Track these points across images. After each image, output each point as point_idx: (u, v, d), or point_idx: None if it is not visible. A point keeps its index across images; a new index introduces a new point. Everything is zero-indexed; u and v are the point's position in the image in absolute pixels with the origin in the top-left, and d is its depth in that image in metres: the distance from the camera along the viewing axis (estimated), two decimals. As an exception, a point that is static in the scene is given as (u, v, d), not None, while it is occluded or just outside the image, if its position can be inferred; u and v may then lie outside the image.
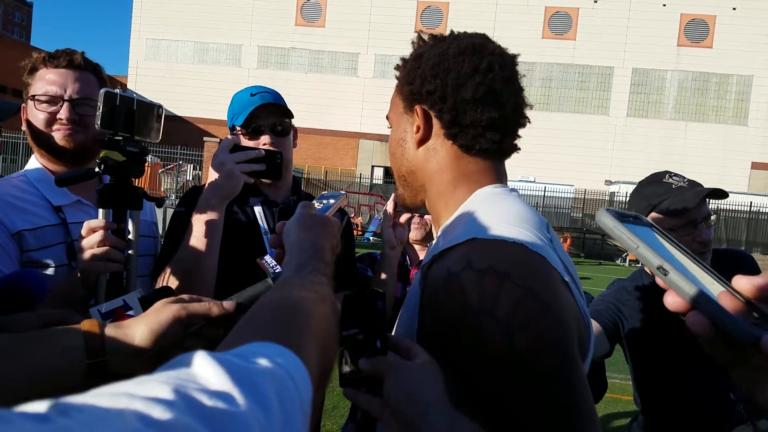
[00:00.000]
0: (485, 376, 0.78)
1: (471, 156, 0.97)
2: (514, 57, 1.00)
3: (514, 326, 0.76)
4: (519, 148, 1.01)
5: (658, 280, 0.54)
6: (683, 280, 0.52)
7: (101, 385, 0.34)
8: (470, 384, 0.80)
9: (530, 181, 24.16)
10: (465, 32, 1.01)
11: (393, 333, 1.01)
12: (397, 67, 1.05)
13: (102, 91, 1.24)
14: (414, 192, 1.05)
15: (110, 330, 0.90)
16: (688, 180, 1.76)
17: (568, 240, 19.82)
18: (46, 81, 1.49)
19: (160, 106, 1.38)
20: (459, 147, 0.96)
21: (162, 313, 0.92)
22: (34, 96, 1.49)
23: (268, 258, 1.06)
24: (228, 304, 0.98)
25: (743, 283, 0.53)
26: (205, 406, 0.36)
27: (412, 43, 1.03)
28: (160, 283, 1.43)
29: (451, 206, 0.98)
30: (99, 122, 1.24)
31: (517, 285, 0.78)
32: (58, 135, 1.48)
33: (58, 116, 1.48)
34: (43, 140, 1.50)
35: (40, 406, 0.29)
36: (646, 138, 29.33)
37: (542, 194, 23.24)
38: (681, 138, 29.24)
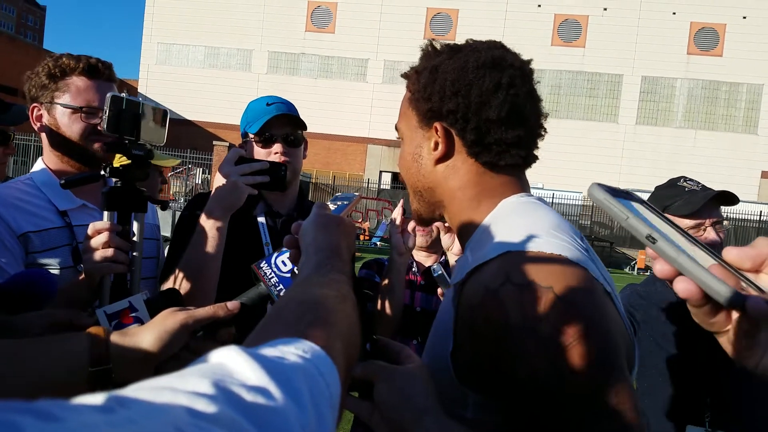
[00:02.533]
0: (527, 397, 0.73)
1: (495, 172, 0.94)
2: (531, 67, 0.97)
3: (559, 345, 0.72)
4: (538, 158, 0.98)
5: (648, 250, 0.55)
6: (671, 247, 0.53)
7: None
8: (510, 406, 0.75)
9: (538, 188, 24.09)
10: (483, 42, 0.97)
11: (421, 359, 0.99)
12: (407, 76, 1.01)
13: (109, 95, 1.25)
14: (431, 207, 1.02)
15: (116, 337, 0.90)
16: (702, 185, 1.79)
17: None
18: (86, 92, 1.49)
19: (165, 110, 1.39)
20: (482, 164, 0.93)
21: (168, 320, 0.92)
22: (81, 107, 1.48)
23: (264, 265, 1.05)
24: (232, 305, 0.99)
25: (733, 254, 0.54)
26: (245, 401, 0.37)
27: (424, 51, 0.98)
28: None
29: (477, 220, 0.94)
30: (105, 125, 1.24)
31: (561, 300, 0.73)
32: (99, 145, 1.49)
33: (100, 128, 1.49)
34: (73, 148, 1.50)
35: (97, 399, 0.30)
36: (655, 146, 29.17)
37: (550, 201, 23.14)
38: (690, 146, 29.05)
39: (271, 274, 1.04)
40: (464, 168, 0.94)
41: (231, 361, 0.41)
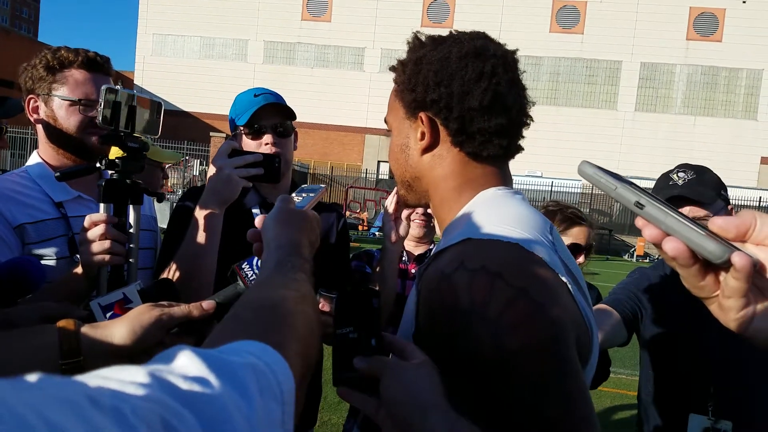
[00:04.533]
0: (477, 377, 0.77)
1: (478, 162, 0.96)
2: (515, 56, 0.98)
3: (505, 327, 0.75)
4: (523, 148, 1.00)
5: (638, 220, 0.56)
6: (658, 211, 0.54)
7: None
8: (463, 385, 0.78)
9: (537, 176, 24.06)
10: (466, 33, 0.98)
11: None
12: (394, 69, 1.02)
13: (103, 87, 1.24)
14: (418, 195, 1.05)
15: (87, 330, 0.90)
16: (693, 175, 1.75)
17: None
18: (84, 85, 1.50)
19: (159, 102, 1.39)
20: (466, 154, 0.95)
21: (144, 315, 0.92)
22: (79, 100, 1.48)
23: (245, 266, 1.04)
24: (207, 304, 0.98)
25: (719, 223, 0.55)
26: (179, 388, 0.38)
27: (410, 44, 1.00)
28: None
29: (455, 210, 0.97)
30: (100, 118, 1.24)
31: (509, 285, 0.77)
32: (95, 138, 1.49)
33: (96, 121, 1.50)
34: (69, 140, 1.50)
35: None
36: (655, 132, 29.13)
37: (549, 189, 23.15)
38: (690, 133, 29.01)
39: (252, 275, 1.03)
40: (449, 158, 0.96)
41: (175, 358, 0.43)
